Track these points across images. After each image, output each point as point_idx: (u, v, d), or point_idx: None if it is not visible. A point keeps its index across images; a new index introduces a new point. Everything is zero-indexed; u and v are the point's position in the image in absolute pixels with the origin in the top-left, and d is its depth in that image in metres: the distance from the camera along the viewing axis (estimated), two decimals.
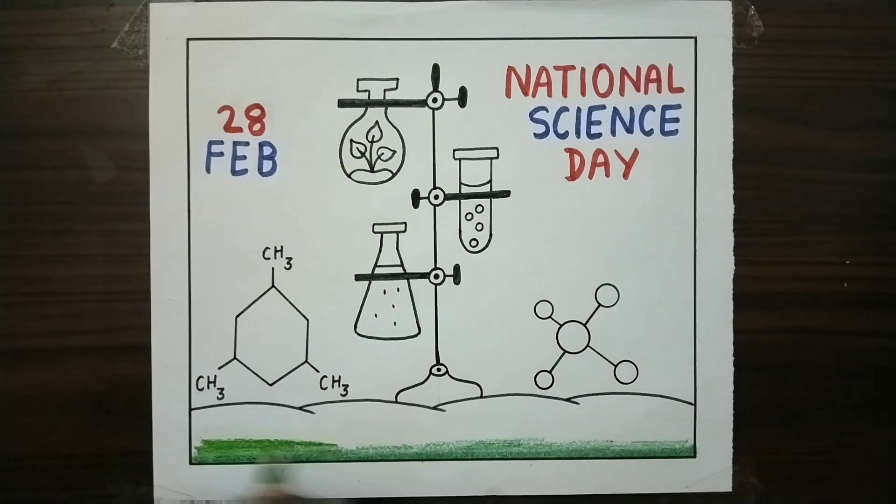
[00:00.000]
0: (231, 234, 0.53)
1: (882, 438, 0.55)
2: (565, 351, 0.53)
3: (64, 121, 0.53)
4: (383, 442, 0.53)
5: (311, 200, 0.53)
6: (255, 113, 0.53)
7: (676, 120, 0.53)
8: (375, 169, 0.53)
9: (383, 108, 0.53)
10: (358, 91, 0.53)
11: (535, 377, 0.53)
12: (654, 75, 0.53)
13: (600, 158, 0.53)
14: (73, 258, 0.53)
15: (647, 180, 0.53)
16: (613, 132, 0.53)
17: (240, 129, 0.53)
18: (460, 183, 0.53)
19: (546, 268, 0.53)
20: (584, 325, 0.53)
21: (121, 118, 0.53)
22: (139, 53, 0.53)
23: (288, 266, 0.53)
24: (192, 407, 0.53)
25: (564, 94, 0.53)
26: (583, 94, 0.53)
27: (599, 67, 0.53)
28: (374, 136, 0.53)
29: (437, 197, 0.53)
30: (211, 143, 0.53)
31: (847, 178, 0.54)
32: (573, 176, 0.53)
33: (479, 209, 0.53)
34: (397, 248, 0.53)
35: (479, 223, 0.53)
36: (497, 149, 0.53)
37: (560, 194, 0.53)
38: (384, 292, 0.53)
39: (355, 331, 0.53)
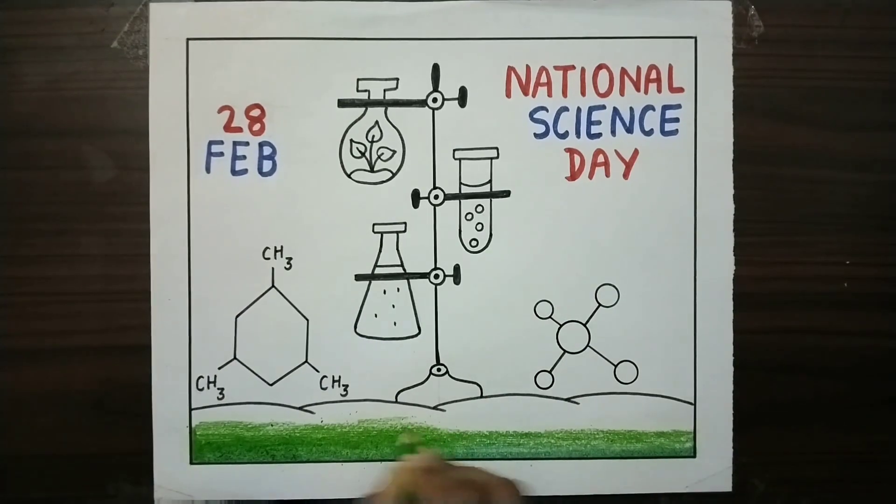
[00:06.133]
0: (231, 234, 0.53)
1: (882, 438, 0.55)
2: (565, 351, 0.53)
3: (64, 121, 0.53)
4: (383, 442, 0.53)
5: (311, 200, 0.53)
6: (255, 113, 0.53)
7: (676, 120, 0.53)
8: (375, 169, 0.53)
9: (383, 108, 0.53)
10: (358, 91, 0.53)
11: (535, 377, 0.53)
12: (654, 75, 0.53)
13: (600, 158, 0.53)
14: (73, 258, 0.53)
15: (647, 180, 0.53)
16: (613, 132, 0.53)
17: (240, 129, 0.53)
18: (460, 183, 0.53)
19: (546, 268, 0.53)
20: (584, 325, 0.53)
21: (121, 118, 0.53)
22: (139, 53, 0.53)
23: (288, 266, 0.53)
24: (192, 407, 0.53)
25: (564, 94, 0.53)
26: (583, 94, 0.53)
27: (599, 67, 0.53)
28: (374, 136, 0.53)
29: (437, 197, 0.53)
30: (211, 143, 0.53)
31: (847, 178, 0.54)
32: (573, 176, 0.53)
33: (479, 209, 0.53)
34: (397, 248, 0.53)
35: (479, 223, 0.53)
36: (497, 149, 0.53)
37: (560, 194, 0.53)
38: (384, 292, 0.53)
39: (355, 331, 0.53)
